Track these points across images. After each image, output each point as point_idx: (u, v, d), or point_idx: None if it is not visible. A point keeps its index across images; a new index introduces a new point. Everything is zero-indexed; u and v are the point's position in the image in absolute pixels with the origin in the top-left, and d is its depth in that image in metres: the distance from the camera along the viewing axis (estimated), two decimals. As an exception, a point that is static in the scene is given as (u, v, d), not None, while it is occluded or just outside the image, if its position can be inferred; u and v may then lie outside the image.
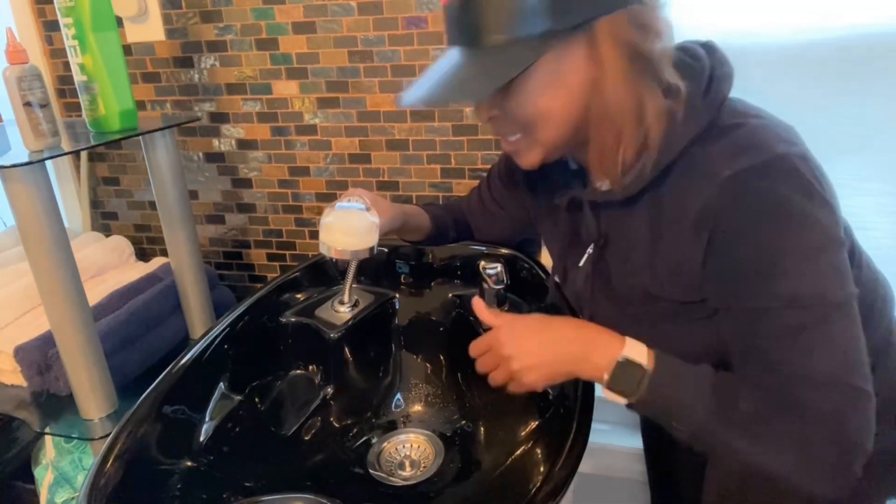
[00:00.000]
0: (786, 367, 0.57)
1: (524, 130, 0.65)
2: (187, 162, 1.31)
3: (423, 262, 1.08)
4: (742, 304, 0.59)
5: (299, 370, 1.00)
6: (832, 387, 0.56)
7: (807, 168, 0.57)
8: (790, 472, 0.57)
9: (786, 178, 0.56)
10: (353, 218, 0.82)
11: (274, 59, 1.18)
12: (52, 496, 1.00)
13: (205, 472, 0.77)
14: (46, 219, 0.86)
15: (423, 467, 0.86)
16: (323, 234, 0.83)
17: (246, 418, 0.88)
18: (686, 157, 0.60)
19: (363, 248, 0.82)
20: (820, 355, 0.56)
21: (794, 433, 0.57)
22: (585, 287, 0.74)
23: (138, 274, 1.20)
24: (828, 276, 0.57)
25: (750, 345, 0.60)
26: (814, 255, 0.56)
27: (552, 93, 0.60)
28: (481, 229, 1.03)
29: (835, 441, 0.56)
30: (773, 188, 0.56)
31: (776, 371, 0.58)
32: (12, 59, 0.84)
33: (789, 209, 0.56)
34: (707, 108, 0.60)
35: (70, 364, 0.94)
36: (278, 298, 1.02)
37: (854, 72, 0.99)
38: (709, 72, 0.62)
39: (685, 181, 0.60)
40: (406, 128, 1.16)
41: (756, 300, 0.58)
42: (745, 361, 0.61)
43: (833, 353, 0.57)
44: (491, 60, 0.59)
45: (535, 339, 0.66)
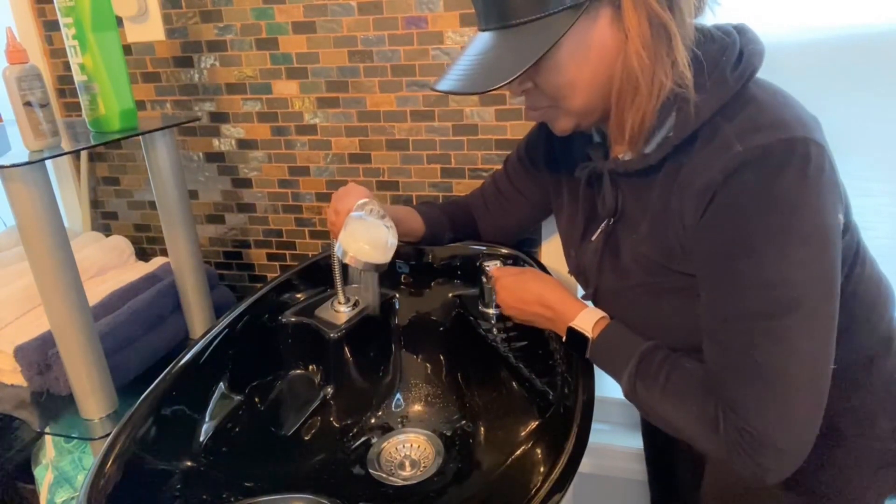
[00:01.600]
0: (729, 353, 0.60)
1: (555, 101, 0.66)
2: (187, 162, 1.31)
3: (423, 262, 1.08)
4: (713, 279, 0.61)
5: (299, 370, 1.00)
6: (762, 385, 0.58)
7: (819, 158, 0.56)
8: (695, 441, 0.64)
9: (793, 163, 0.56)
10: (380, 232, 0.83)
11: (274, 58, 1.18)
12: (52, 496, 1.00)
13: (205, 472, 0.77)
14: (46, 219, 0.86)
15: (423, 467, 0.86)
16: (345, 239, 0.82)
17: (246, 418, 0.88)
18: (709, 127, 0.60)
19: (379, 262, 0.83)
20: (766, 350, 0.57)
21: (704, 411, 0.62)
22: (593, 260, 0.76)
23: (138, 274, 1.20)
24: (804, 271, 0.57)
25: (709, 324, 0.62)
26: (795, 246, 0.56)
27: (580, 63, 0.62)
28: (491, 221, 1.02)
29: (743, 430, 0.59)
30: (776, 171, 0.56)
31: (720, 350, 0.61)
32: (12, 59, 0.84)
33: (784, 194, 0.56)
34: (736, 80, 0.61)
35: (70, 364, 0.94)
36: (278, 298, 1.02)
37: (854, 71, 0.99)
38: (739, 46, 0.63)
39: (704, 152, 0.60)
40: (406, 128, 1.16)
41: (725, 278, 0.59)
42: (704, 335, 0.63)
43: (781, 352, 0.57)
44: (522, 39, 0.60)
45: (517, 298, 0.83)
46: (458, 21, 1.06)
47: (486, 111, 1.11)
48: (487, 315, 1.01)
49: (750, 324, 0.58)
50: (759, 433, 0.58)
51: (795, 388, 0.57)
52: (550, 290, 0.80)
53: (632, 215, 0.71)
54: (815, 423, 0.59)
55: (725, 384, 0.60)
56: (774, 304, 0.57)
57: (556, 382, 0.84)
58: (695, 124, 0.61)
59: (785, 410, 0.58)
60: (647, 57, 0.59)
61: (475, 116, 1.12)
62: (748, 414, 0.58)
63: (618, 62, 0.61)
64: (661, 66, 0.60)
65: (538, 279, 0.83)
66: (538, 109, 0.69)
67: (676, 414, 0.65)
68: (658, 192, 0.65)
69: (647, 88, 0.61)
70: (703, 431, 0.62)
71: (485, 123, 1.12)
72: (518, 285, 0.83)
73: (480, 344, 0.96)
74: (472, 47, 0.65)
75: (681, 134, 0.61)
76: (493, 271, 0.89)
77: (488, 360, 0.96)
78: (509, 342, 0.95)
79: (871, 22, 0.95)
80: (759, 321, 0.58)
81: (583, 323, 0.75)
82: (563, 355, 0.82)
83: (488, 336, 0.96)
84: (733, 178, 0.57)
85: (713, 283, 0.61)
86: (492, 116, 1.11)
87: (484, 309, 1.02)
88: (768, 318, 0.57)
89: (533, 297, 0.80)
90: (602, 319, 0.74)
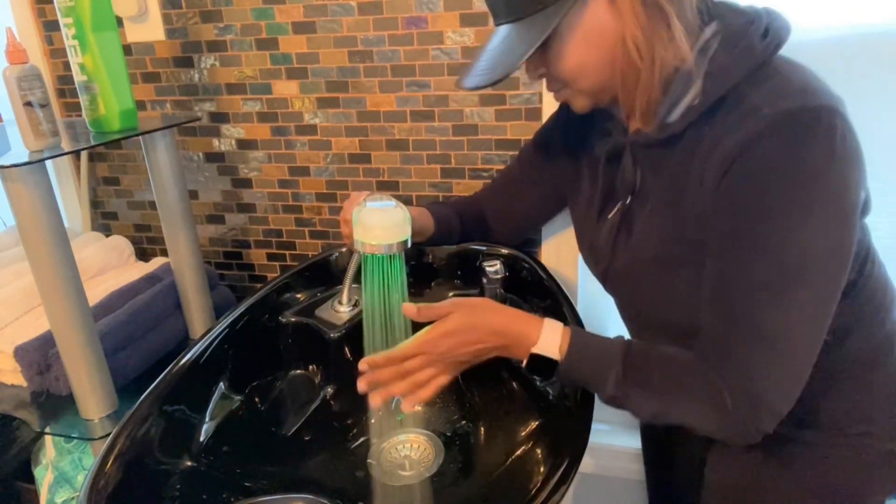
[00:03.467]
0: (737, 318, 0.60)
1: (566, 83, 0.69)
2: (187, 162, 1.31)
3: (423, 262, 1.08)
4: (727, 242, 0.60)
5: (299, 370, 1.00)
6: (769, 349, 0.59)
7: (844, 130, 0.56)
8: (701, 423, 0.64)
9: (820, 131, 0.55)
10: (388, 213, 0.80)
11: (274, 59, 1.18)
12: (52, 496, 1.00)
13: (205, 472, 0.77)
14: (46, 219, 0.86)
15: (423, 467, 0.86)
16: (358, 232, 0.79)
17: (246, 418, 0.88)
18: (735, 94, 0.60)
19: (400, 240, 0.78)
20: (774, 316, 0.58)
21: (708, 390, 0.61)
22: (608, 238, 0.75)
23: (138, 274, 1.20)
24: (821, 241, 0.57)
25: (717, 289, 0.62)
26: (815, 215, 0.56)
27: (582, 48, 0.64)
28: (501, 213, 1.01)
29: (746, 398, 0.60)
30: (802, 137, 0.56)
31: (728, 316, 0.61)
32: (12, 59, 0.84)
33: (808, 161, 0.55)
34: (763, 49, 0.61)
35: (70, 364, 0.94)
36: (278, 298, 1.02)
37: (854, 71, 0.98)
38: (766, 18, 0.63)
39: (729, 117, 0.60)
40: (406, 128, 1.16)
41: (741, 242, 0.59)
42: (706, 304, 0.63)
43: (789, 319, 0.58)
44: (527, 30, 0.64)
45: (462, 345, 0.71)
46: (458, 21, 1.06)
47: (486, 111, 1.11)
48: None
49: (761, 289, 0.58)
50: (763, 395, 0.59)
51: (797, 353, 0.60)
52: (492, 314, 0.71)
53: (649, 190, 0.70)
54: (803, 385, 0.61)
55: (731, 350, 0.61)
56: (788, 272, 0.57)
57: (557, 382, 0.84)
58: (721, 91, 0.61)
59: (787, 374, 0.60)
60: (644, 37, 0.61)
61: (475, 116, 1.12)
62: (753, 378, 0.59)
63: (617, 44, 0.63)
64: (659, 44, 0.61)
65: (470, 309, 0.71)
66: (557, 92, 0.72)
67: (679, 405, 0.64)
68: (678, 161, 0.65)
69: (647, 67, 0.62)
70: (710, 413, 0.62)
71: (485, 123, 1.12)
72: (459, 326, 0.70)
73: (480, 344, 0.96)
74: (490, 42, 0.70)
75: (706, 101, 0.61)
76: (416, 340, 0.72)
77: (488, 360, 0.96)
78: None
79: (871, 22, 0.95)
80: (770, 287, 0.58)
81: (546, 343, 0.69)
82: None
83: (488, 336, 0.96)
84: (758, 141, 0.56)
85: (727, 247, 0.60)
86: (492, 116, 1.11)
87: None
88: (780, 285, 0.58)
89: (483, 331, 0.70)
90: (564, 331, 0.69)
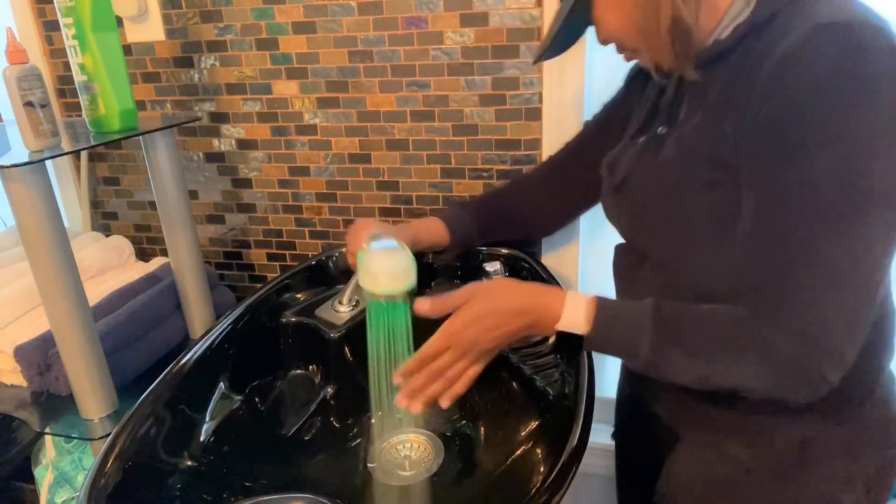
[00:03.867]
0: (792, 251, 0.55)
1: (622, 47, 0.69)
2: (187, 162, 1.31)
3: (423, 262, 1.08)
4: (777, 166, 0.55)
5: (299, 370, 1.00)
6: (828, 278, 0.54)
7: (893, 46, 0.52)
8: (754, 382, 0.58)
9: (884, 46, 0.51)
10: (392, 260, 0.76)
11: (274, 59, 1.18)
12: (52, 496, 1.00)
13: (205, 472, 0.77)
14: (46, 219, 0.86)
15: (423, 467, 0.86)
16: (361, 275, 0.76)
17: (246, 418, 0.88)
18: (789, 9, 0.57)
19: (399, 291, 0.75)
20: (837, 248, 0.53)
21: (756, 339, 0.57)
22: (631, 154, 0.72)
23: (138, 274, 1.20)
24: (888, 162, 0.52)
25: (764, 222, 0.57)
26: (880, 135, 0.52)
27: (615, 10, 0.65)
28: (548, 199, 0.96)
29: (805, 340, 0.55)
30: (863, 48, 0.51)
31: (780, 250, 0.56)
32: (12, 59, 0.84)
33: (864, 77, 0.51)
34: None
35: (70, 364, 0.94)
36: (278, 298, 1.02)
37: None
38: None
39: (782, 30, 0.56)
40: (406, 128, 1.16)
41: (795, 165, 0.54)
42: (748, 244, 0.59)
43: (853, 252, 0.53)
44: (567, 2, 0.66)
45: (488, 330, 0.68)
46: (458, 21, 1.07)
47: (487, 111, 1.11)
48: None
49: (822, 217, 0.53)
50: (824, 336, 0.54)
51: (860, 292, 0.55)
52: (512, 294, 0.69)
53: (691, 115, 0.67)
54: (864, 326, 0.56)
55: (782, 288, 0.55)
56: (852, 198, 0.52)
57: (556, 382, 0.84)
58: (774, 6, 0.58)
59: (850, 312, 0.55)
60: None
61: (475, 116, 1.12)
62: (813, 315, 0.54)
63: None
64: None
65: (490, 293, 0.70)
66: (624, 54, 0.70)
67: (725, 361, 0.59)
68: (726, 78, 0.61)
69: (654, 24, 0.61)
70: (762, 364, 0.57)
71: (485, 123, 1.12)
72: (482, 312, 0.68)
73: (480, 344, 0.96)
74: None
75: (759, 14, 0.59)
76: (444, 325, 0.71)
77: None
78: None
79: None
80: (832, 216, 0.53)
81: (572, 317, 0.65)
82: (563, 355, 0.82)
83: (488, 336, 0.96)
84: (814, 48, 0.52)
85: (777, 170, 0.55)
86: (492, 116, 1.11)
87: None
88: (843, 213, 0.53)
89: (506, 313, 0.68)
90: (589, 302, 0.65)
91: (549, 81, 1.05)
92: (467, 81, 1.10)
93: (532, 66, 1.06)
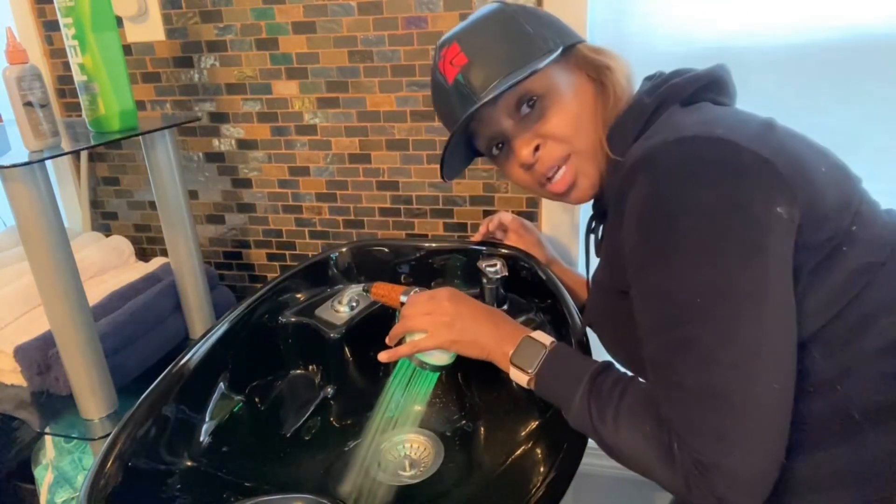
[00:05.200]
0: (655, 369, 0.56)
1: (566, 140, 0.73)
2: (187, 162, 1.31)
3: (424, 262, 1.08)
4: (634, 292, 0.59)
5: (299, 370, 1.00)
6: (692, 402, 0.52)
7: (715, 152, 0.53)
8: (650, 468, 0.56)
9: (679, 162, 0.54)
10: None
11: (274, 59, 1.18)
12: (52, 496, 1.00)
13: (205, 472, 0.77)
14: (46, 219, 0.86)
15: (423, 467, 0.86)
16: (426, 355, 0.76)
17: (246, 418, 0.88)
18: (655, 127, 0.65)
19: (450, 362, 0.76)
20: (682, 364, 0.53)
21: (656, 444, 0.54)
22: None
23: (138, 274, 1.20)
24: (704, 274, 0.52)
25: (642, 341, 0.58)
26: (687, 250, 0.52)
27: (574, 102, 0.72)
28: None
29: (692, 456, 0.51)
30: (661, 172, 0.55)
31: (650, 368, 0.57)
32: (12, 59, 0.84)
33: (667, 195, 0.54)
34: (652, 102, 0.65)
35: (70, 364, 0.94)
36: (278, 298, 1.02)
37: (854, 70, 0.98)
38: (666, 77, 0.69)
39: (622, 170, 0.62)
40: (406, 128, 1.16)
41: (636, 292, 0.58)
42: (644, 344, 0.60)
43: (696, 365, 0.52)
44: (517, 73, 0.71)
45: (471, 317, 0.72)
46: (458, 21, 1.06)
47: (486, 111, 1.11)
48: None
49: (662, 337, 0.54)
50: (707, 457, 0.50)
51: (729, 405, 0.50)
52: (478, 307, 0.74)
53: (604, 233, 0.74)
54: (767, 443, 0.51)
55: (661, 405, 0.55)
56: (674, 314, 0.53)
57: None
58: (621, 151, 0.66)
59: (722, 430, 0.50)
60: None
61: (475, 116, 1.12)
62: (687, 435, 0.52)
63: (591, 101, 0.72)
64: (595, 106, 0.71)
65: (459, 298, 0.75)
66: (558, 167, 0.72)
67: (631, 441, 0.57)
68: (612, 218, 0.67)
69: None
70: (658, 461, 0.54)
71: (485, 123, 1.12)
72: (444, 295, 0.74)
73: (480, 344, 0.96)
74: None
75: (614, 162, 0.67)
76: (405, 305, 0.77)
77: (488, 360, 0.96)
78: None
79: (871, 22, 0.95)
80: (665, 333, 0.54)
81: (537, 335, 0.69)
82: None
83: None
84: (630, 188, 0.57)
85: (634, 297, 0.59)
86: (492, 116, 1.11)
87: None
88: (672, 329, 0.53)
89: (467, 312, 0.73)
90: (548, 346, 0.67)
91: (549, 81, 1.05)
92: (467, 81, 1.10)
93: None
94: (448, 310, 0.73)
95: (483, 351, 0.71)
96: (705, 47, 1.02)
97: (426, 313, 0.73)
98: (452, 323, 0.72)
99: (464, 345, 0.72)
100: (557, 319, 0.92)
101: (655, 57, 1.03)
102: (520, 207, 1.16)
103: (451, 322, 0.72)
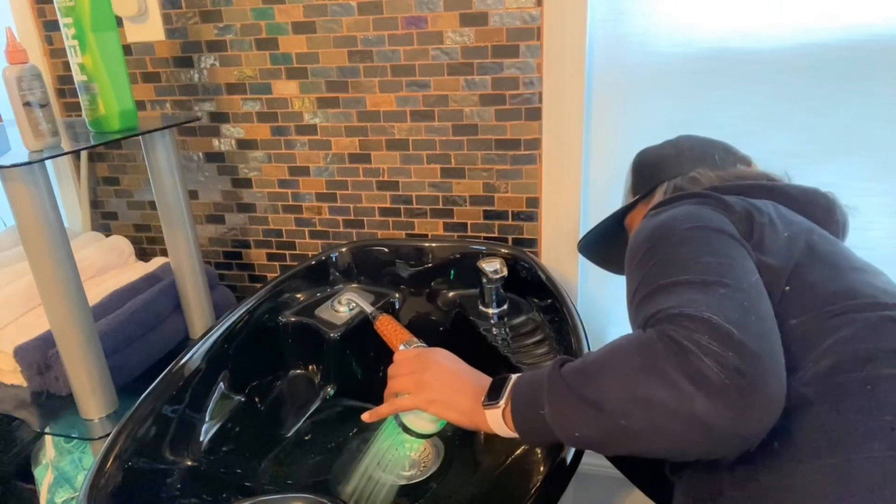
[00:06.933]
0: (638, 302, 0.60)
1: None
2: (187, 162, 1.31)
3: (424, 262, 1.08)
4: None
5: (299, 370, 1.00)
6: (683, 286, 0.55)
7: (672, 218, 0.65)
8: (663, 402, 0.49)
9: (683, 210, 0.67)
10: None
11: (274, 59, 1.18)
12: (52, 496, 1.00)
13: (205, 472, 0.77)
14: (46, 219, 0.86)
15: (423, 467, 0.86)
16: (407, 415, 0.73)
17: (246, 418, 0.88)
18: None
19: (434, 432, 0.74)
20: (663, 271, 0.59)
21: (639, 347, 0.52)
22: None
23: (138, 274, 1.20)
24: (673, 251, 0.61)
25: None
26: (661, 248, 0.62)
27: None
28: None
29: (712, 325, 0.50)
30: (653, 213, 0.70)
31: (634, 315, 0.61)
32: (12, 59, 0.84)
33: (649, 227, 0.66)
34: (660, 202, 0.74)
35: (70, 364, 0.94)
36: (278, 298, 1.02)
37: (854, 71, 0.99)
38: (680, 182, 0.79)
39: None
40: (406, 128, 1.16)
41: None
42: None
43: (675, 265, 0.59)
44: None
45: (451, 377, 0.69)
46: (458, 21, 1.07)
47: (486, 111, 1.11)
48: (487, 315, 1.01)
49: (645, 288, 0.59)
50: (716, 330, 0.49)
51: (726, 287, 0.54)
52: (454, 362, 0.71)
53: None
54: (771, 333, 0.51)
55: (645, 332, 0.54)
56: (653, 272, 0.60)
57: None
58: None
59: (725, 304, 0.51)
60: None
61: (475, 116, 1.12)
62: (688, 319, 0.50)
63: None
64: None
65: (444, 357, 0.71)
66: None
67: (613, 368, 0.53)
68: None
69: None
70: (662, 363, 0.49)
71: (485, 123, 1.12)
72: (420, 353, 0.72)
73: (480, 344, 0.96)
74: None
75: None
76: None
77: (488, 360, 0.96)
78: (509, 342, 0.95)
79: (871, 22, 0.95)
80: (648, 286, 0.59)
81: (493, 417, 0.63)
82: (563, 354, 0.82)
83: (488, 336, 0.96)
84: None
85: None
86: (492, 116, 1.11)
87: (484, 309, 1.02)
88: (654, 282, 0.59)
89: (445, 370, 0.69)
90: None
91: (549, 81, 1.05)
92: (467, 81, 1.10)
93: (532, 67, 1.06)
94: (430, 369, 0.69)
95: (462, 415, 0.65)
96: (705, 47, 1.02)
97: (410, 372, 0.70)
98: (430, 383, 0.68)
99: (440, 406, 0.67)
100: (557, 319, 0.92)
101: (655, 57, 1.03)
102: (520, 207, 1.16)
103: (430, 382, 0.68)
